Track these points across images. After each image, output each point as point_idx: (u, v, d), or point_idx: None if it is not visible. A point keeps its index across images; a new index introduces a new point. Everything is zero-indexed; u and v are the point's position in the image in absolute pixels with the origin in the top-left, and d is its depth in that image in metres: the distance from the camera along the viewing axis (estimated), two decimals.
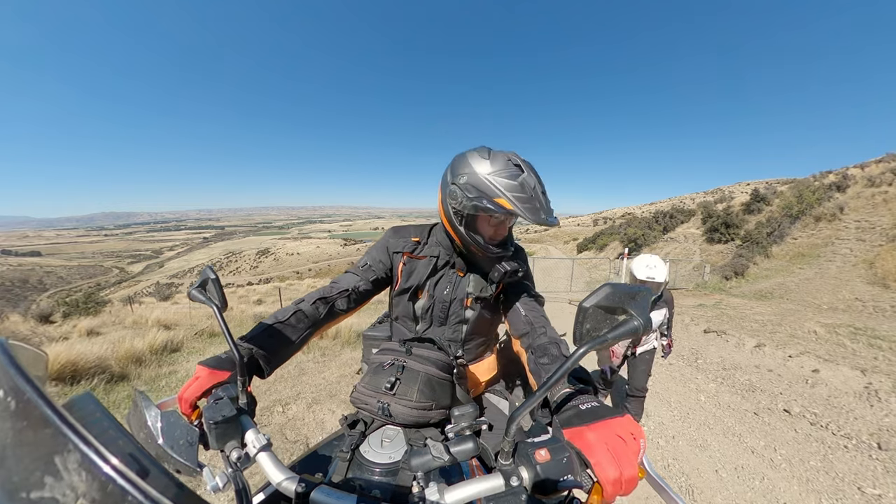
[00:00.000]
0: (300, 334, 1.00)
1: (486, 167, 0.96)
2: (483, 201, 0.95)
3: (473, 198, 0.96)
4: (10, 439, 0.22)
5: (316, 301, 1.06)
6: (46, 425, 0.22)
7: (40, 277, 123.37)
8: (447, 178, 1.05)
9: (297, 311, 1.02)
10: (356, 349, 5.26)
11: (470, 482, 0.53)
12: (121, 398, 3.64)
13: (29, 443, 0.22)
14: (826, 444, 2.98)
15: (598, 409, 0.62)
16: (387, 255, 1.20)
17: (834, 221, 12.56)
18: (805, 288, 9.16)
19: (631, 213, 56.72)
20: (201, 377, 0.76)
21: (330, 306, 1.09)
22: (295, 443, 2.88)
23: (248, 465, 0.61)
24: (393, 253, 1.19)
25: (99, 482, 0.21)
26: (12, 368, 0.23)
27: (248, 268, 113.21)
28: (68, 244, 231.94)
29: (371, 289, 1.19)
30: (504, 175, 0.95)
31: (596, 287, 0.54)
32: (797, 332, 5.85)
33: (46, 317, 8.37)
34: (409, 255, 1.18)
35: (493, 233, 1.07)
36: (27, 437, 0.22)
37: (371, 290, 1.19)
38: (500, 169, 0.95)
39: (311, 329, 1.03)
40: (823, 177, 17.71)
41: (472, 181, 0.97)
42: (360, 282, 1.16)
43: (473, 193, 0.97)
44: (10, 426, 0.23)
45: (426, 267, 1.15)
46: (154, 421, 0.54)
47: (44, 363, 0.36)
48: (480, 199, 0.95)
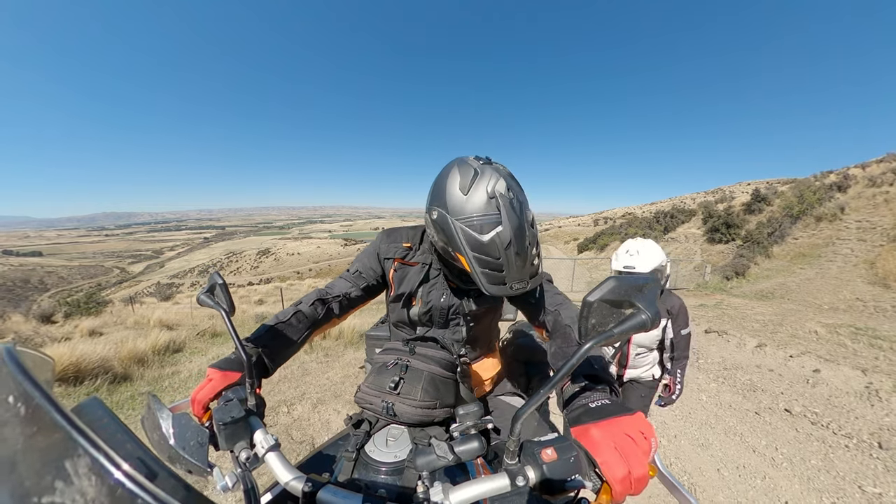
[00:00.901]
0: (301, 334, 1.02)
1: (459, 206, 0.82)
2: (448, 249, 0.88)
3: (440, 241, 0.91)
4: (21, 445, 0.23)
5: (314, 302, 1.08)
6: (56, 430, 0.22)
7: (41, 277, 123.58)
8: (428, 197, 0.96)
9: (297, 311, 1.04)
10: (359, 349, 5.27)
11: (475, 482, 0.53)
12: (124, 398, 3.65)
13: (39, 448, 0.22)
14: (827, 443, 2.98)
15: (607, 407, 0.60)
16: (377, 262, 1.17)
17: (835, 221, 12.54)
18: (806, 288, 9.15)
19: (631, 213, 56.69)
20: (214, 379, 0.78)
21: (327, 308, 1.10)
22: (301, 443, 2.90)
23: (256, 466, 0.61)
24: (384, 259, 1.17)
25: (108, 486, 0.21)
26: (20, 374, 0.24)
27: (248, 268, 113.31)
28: (69, 244, 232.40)
29: (362, 295, 1.17)
30: (474, 224, 0.80)
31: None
32: (798, 332, 5.85)
33: (48, 317, 8.39)
34: (400, 261, 1.15)
35: None
36: (37, 443, 0.22)
37: (363, 296, 1.18)
38: (473, 213, 0.80)
39: (310, 329, 1.05)
40: (824, 177, 17.69)
41: (440, 221, 0.86)
42: (352, 288, 1.15)
43: (440, 236, 0.89)
44: (21, 432, 0.23)
45: (418, 274, 1.13)
46: (166, 423, 0.56)
47: (51, 368, 0.36)
48: (446, 247, 0.89)
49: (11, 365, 0.24)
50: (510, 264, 0.80)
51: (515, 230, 0.79)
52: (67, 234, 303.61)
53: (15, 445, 0.23)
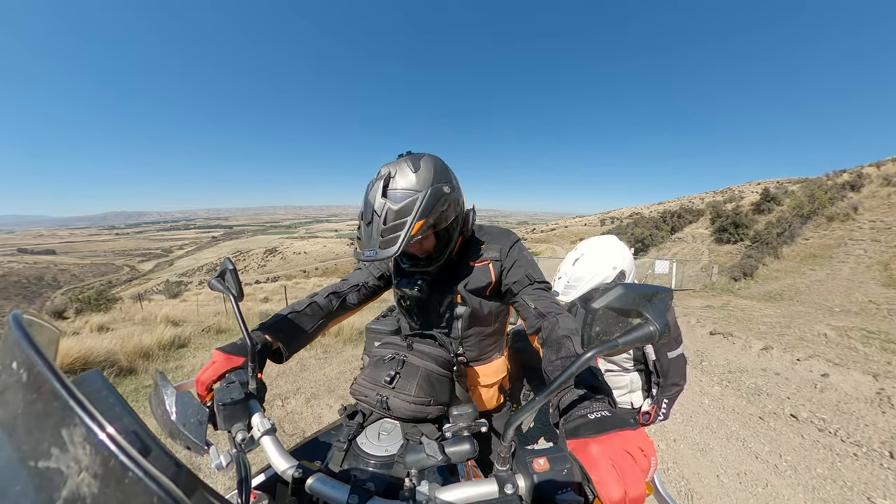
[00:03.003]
0: (314, 323, 1.07)
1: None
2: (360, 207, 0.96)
3: None
4: (22, 409, 0.24)
5: (329, 294, 1.14)
6: (55, 398, 0.23)
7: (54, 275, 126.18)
8: None
9: (313, 302, 1.09)
10: (357, 347, 5.31)
11: (462, 485, 0.53)
12: (128, 391, 3.72)
13: (38, 414, 0.24)
14: (834, 451, 2.90)
15: (606, 420, 0.56)
16: None
17: (847, 221, 12.30)
18: (816, 290, 8.99)
19: (638, 213, 56.09)
20: (217, 361, 0.80)
21: (342, 300, 1.16)
22: (292, 436, 2.94)
23: (251, 448, 0.63)
24: None
25: (101, 457, 0.22)
26: (25, 341, 0.25)
27: (255, 266, 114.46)
28: (81, 243, 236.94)
29: (379, 284, 1.25)
30: (367, 189, 0.93)
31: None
32: (806, 334, 5.74)
33: (60, 313, 8.59)
34: None
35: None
36: (36, 409, 0.24)
37: (379, 285, 1.25)
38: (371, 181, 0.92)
39: (324, 319, 1.10)
40: (837, 176, 17.34)
41: None
42: (369, 277, 1.23)
43: None
44: (22, 397, 0.24)
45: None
46: (170, 400, 0.59)
47: (56, 338, 0.38)
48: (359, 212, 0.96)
49: (17, 331, 0.26)
50: (374, 227, 0.88)
51: (367, 200, 0.91)
52: (79, 233, 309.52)
53: (16, 410, 0.24)
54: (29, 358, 0.24)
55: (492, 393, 1.26)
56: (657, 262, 12.69)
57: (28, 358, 0.24)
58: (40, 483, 0.23)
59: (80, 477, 0.22)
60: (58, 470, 0.23)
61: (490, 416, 1.29)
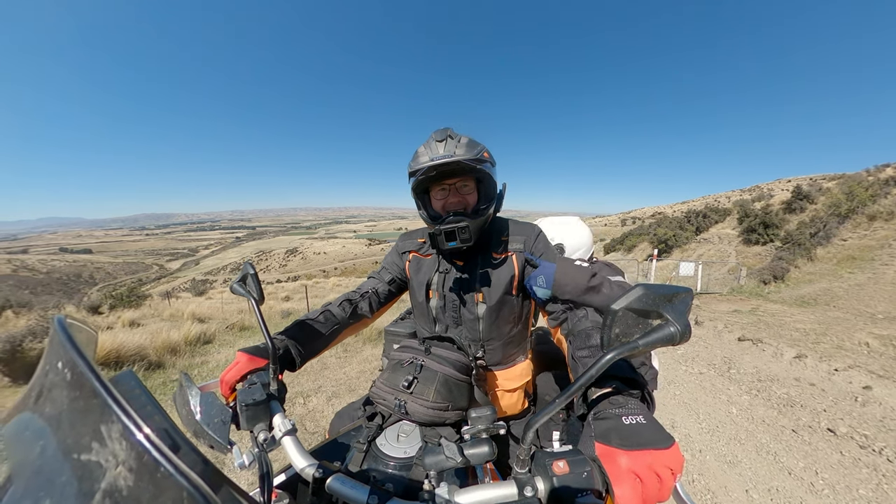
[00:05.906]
0: (328, 331, 1.08)
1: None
2: (410, 164, 1.03)
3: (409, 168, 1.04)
4: (66, 406, 0.26)
5: (342, 303, 1.16)
6: (94, 396, 0.25)
7: (91, 273, 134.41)
8: None
9: (326, 310, 1.12)
10: (377, 346, 5.37)
11: (481, 487, 0.53)
12: (157, 384, 3.91)
13: (80, 410, 0.26)
14: (879, 471, 2.68)
15: (642, 431, 0.54)
16: (399, 257, 1.26)
17: (892, 221, 11.48)
18: (856, 294, 8.42)
19: (661, 213, 54.26)
20: (240, 363, 0.84)
21: (354, 308, 1.17)
22: (314, 434, 2.99)
23: (273, 448, 0.65)
24: (402, 253, 1.25)
25: (136, 452, 0.24)
26: (68, 343, 0.27)
27: (277, 266, 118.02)
28: (114, 243, 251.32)
29: (390, 290, 1.26)
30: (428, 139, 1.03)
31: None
32: (845, 343, 5.39)
33: (96, 308, 9.13)
34: (415, 253, 1.22)
35: (443, 203, 1.07)
36: (79, 406, 0.26)
37: (390, 291, 1.27)
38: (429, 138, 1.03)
39: (337, 327, 1.12)
40: (879, 171, 16.20)
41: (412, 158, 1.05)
42: (379, 284, 1.25)
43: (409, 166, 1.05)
44: (67, 395, 0.27)
45: (432, 265, 1.17)
46: (195, 400, 0.61)
47: (94, 340, 0.41)
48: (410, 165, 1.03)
49: (61, 334, 0.28)
50: (440, 141, 0.98)
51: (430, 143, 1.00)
52: (113, 234, 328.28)
53: (62, 406, 0.26)
54: (72, 358, 0.26)
55: (516, 398, 1.21)
56: (682, 265, 12.26)
57: (71, 358, 0.27)
58: (82, 474, 0.24)
59: (118, 470, 0.24)
60: (97, 463, 0.24)
61: (510, 420, 1.24)
